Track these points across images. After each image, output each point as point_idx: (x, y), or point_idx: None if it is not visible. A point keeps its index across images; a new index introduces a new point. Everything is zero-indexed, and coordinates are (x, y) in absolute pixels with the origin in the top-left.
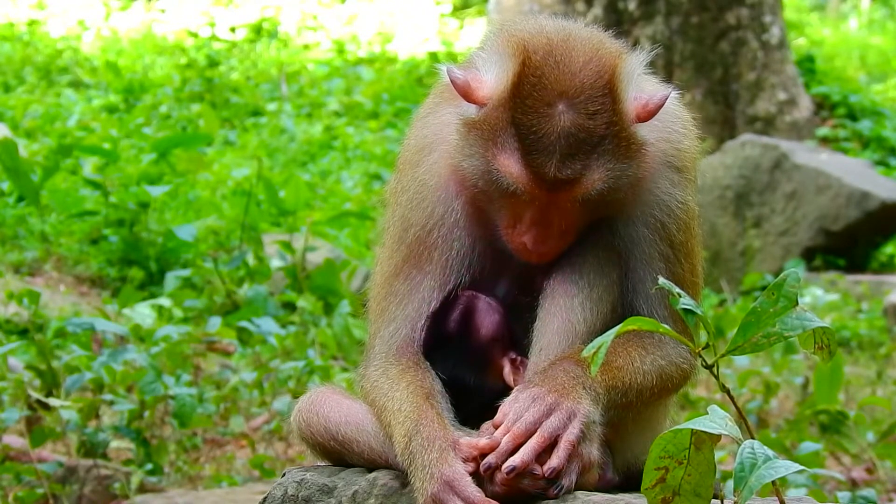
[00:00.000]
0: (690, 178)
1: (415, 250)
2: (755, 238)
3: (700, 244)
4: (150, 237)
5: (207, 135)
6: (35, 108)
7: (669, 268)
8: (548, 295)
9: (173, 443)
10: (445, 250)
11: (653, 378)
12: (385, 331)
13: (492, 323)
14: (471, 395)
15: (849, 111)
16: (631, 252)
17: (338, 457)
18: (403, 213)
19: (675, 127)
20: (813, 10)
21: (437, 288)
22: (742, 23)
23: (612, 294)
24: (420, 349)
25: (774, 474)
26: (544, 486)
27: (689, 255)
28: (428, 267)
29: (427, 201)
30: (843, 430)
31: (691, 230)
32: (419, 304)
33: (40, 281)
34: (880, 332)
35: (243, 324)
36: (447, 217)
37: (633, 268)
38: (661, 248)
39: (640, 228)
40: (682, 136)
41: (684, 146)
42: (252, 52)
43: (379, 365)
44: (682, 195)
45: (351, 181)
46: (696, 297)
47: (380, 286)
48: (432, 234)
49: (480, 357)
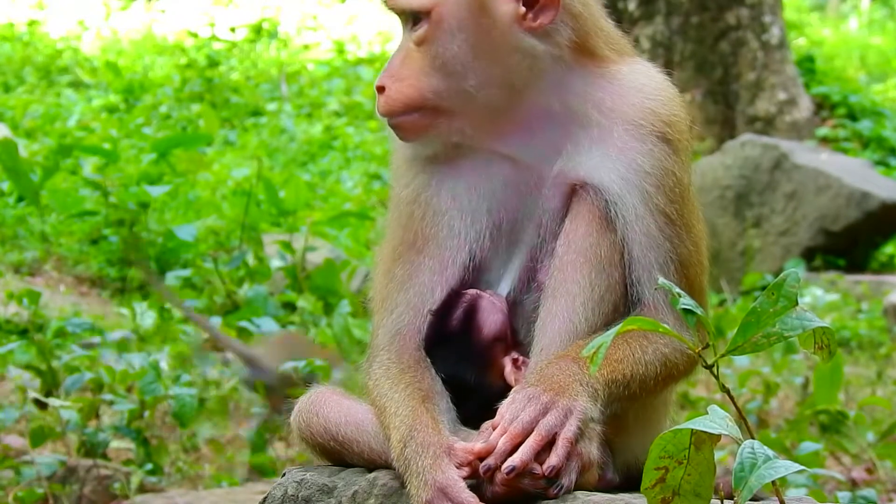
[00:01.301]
0: (682, 150)
1: (411, 229)
2: (755, 238)
3: (701, 221)
4: (150, 237)
5: (207, 135)
6: (35, 108)
7: (673, 247)
8: (549, 294)
9: (173, 443)
10: (439, 226)
11: (656, 367)
12: (388, 319)
13: (495, 322)
14: (471, 394)
15: (849, 111)
16: (631, 237)
17: (338, 457)
18: (396, 192)
19: (663, 97)
20: (813, 10)
21: (438, 272)
22: (742, 23)
23: (614, 293)
24: (422, 344)
25: (774, 474)
26: (544, 485)
27: (689, 229)
28: (425, 249)
29: (412, 172)
30: (843, 430)
31: (688, 203)
32: (421, 289)
33: (40, 281)
34: (880, 332)
35: (243, 324)
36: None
37: (635, 256)
38: (660, 223)
39: (631, 203)
40: (670, 107)
41: (674, 118)
42: (252, 52)
43: (382, 361)
44: (673, 167)
45: (351, 181)
46: (701, 274)
47: (381, 274)
48: (425, 207)
49: (482, 356)
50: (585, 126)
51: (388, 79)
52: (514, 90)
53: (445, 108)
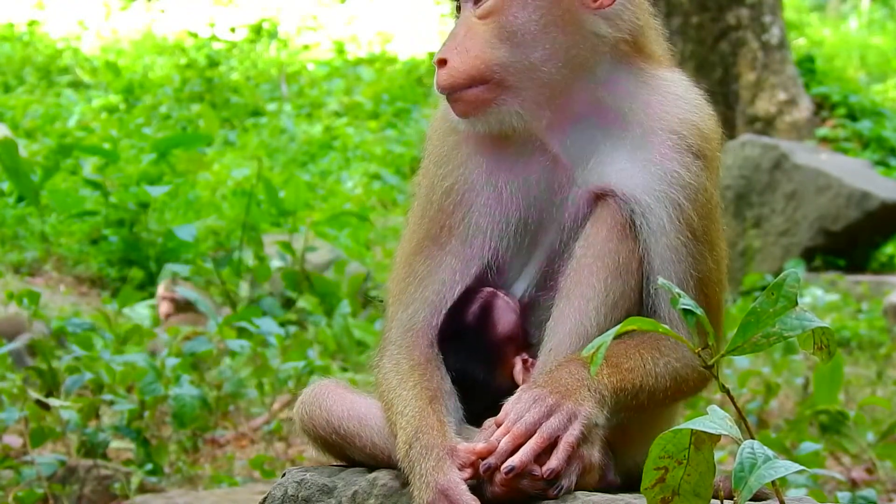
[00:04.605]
0: (714, 168)
1: (436, 223)
2: (755, 238)
3: (723, 240)
4: (150, 237)
5: (207, 135)
6: (35, 108)
7: (695, 263)
8: (563, 296)
9: (173, 443)
10: (468, 221)
11: (666, 381)
12: (403, 314)
13: (508, 322)
14: (479, 391)
15: (849, 111)
16: (654, 248)
17: (339, 451)
18: (427, 182)
19: (703, 112)
20: (813, 10)
21: (459, 270)
22: (742, 23)
23: (628, 301)
24: (436, 339)
25: (774, 474)
26: (543, 486)
27: (713, 247)
28: (448, 245)
29: (451, 163)
30: (843, 430)
31: (714, 222)
32: (440, 287)
33: (40, 281)
34: (880, 333)
35: (243, 324)
36: (469, 175)
37: (655, 268)
38: (685, 237)
39: (660, 214)
40: (709, 123)
41: (711, 133)
42: (252, 52)
43: (392, 355)
44: (705, 183)
45: (351, 181)
46: (720, 293)
47: (400, 266)
48: (453, 198)
49: (493, 354)
50: (626, 127)
51: (452, 51)
52: (574, 71)
53: (509, 82)
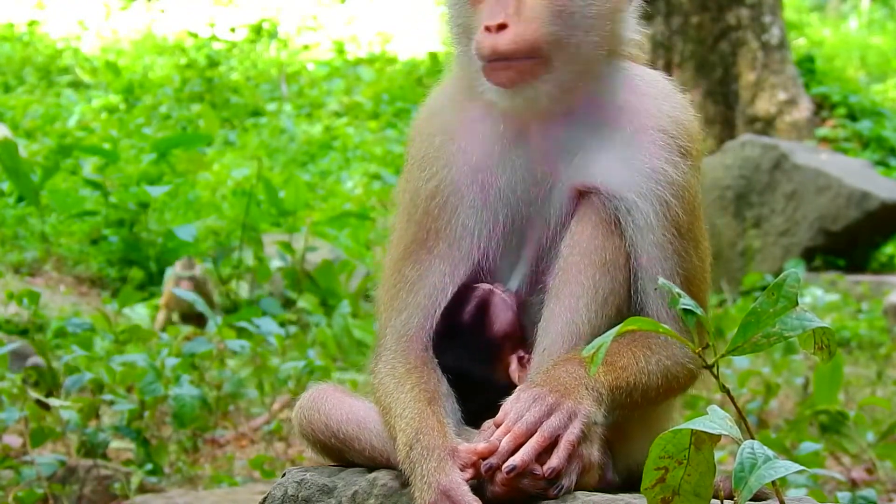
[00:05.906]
0: (698, 166)
1: (423, 227)
2: (755, 238)
3: (706, 239)
4: (150, 237)
5: (207, 135)
6: (35, 109)
7: (681, 261)
8: (553, 295)
9: (173, 443)
10: (455, 223)
11: (658, 378)
12: (396, 320)
13: (506, 318)
14: (476, 389)
15: (849, 111)
16: (640, 245)
17: (338, 454)
18: (412, 186)
19: (686, 110)
20: (813, 10)
21: (449, 273)
22: (742, 23)
23: (617, 297)
24: (430, 341)
25: (774, 474)
26: (544, 486)
27: (697, 245)
28: (437, 249)
29: (435, 165)
30: (843, 430)
31: (698, 219)
32: (431, 291)
33: (40, 281)
34: (880, 333)
35: (243, 324)
36: (454, 176)
37: (642, 265)
38: (671, 234)
39: (646, 211)
40: (692, 121)
41: (695, 132)
42: (252, 52)
43: (388, 360)
44: (691, 181)
45: (351, 181)
46: (704, 290)
47: (390, 272)
48: (438, 200)
49: (490, 352)
50: (616, 124)
51: (511, 17)
52: (599, 60)
53: (553, 60)
